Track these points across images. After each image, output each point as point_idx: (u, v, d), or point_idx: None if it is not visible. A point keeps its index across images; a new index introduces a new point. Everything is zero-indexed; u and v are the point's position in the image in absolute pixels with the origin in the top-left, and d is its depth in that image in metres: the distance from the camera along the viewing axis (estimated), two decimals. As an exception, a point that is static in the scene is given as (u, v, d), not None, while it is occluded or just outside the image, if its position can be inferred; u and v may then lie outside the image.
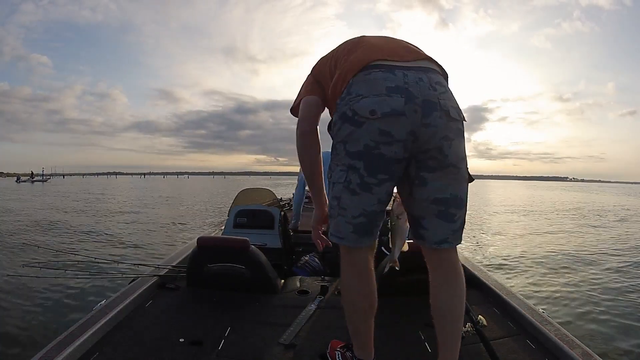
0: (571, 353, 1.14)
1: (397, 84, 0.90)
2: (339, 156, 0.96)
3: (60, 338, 1.17)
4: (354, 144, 0.92)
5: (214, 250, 1.73)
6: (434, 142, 0.91)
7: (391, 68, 0.92)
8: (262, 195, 3.33)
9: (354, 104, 0.91)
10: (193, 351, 1.21)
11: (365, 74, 0.93)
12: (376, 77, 0.92)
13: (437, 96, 0.91)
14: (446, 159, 0.93)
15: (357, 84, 0.93)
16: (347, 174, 0.94)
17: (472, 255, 4.93)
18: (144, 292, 1.61)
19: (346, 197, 0.95)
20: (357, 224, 0.96)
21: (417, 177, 0.95)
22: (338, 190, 0.97)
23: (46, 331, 2.52)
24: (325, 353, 1.20)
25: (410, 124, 0.89)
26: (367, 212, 0.95)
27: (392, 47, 1.00)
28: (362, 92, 0.91)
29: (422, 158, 0.93)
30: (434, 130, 0.90)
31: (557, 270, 4.41)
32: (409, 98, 0.89)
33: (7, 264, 4.39)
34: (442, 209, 0.95)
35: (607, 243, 6.44)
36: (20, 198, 17.26)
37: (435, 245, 0.98)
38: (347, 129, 0.93)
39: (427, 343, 1.28)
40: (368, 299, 1.03)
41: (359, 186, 0.93)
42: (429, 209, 0.96)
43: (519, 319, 1.43)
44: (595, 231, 8.08)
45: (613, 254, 5.37)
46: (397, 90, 0.89)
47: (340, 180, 0.96)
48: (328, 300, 1.64)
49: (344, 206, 0.96)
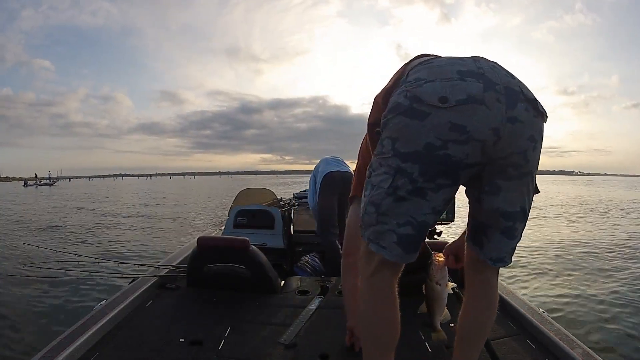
0: (571, 353, 1.14)
1: (470, 69, 0.71)
2: (385, 155, 0.76)
3: (60, 338, 1.17)
4: (410, 141, 0.72)
5: (214, 250, 1.73)
6: (520, 144, 0.72)
7: (454, 58, 0.75)
8: (262, 195, 3.33)
9: (415, 89, 0.71)
10: (193, 351, 1.21)
11: (424, 61, 0.76)
12: (440, 64, 0.73)
13: (518, 84, 0.72)
14: (527, 165, 0.76)
15: (417, 70, 0.74)
16: (394, 179, 0.74)
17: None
18: (144, 292, 1.61)
19: (389, 204, 0.76)
20: (403, 235, 0.76)
21: (489, 184, 0.77)
22: (378, 197, 0.77)
23: (46, 331, 2.52)
24: (326, 353, 1.20)
25: (493, 118, 0.69)
26: (417, 221, 0.76)
27: None
28: (424, 76, 0.71)
29: (501, 164, 0.74)
30: (520, 127, 0.71)
31: (557, 270, 4.41)
32: (488, 84, 0.69)
33: (7, 264, 4.39)
34: (509, 225, 0.80)
35: (614, 240, 6.39)
36: (28, 202, 17.24)
37: (490, 262, 0.85)
38: (401, 122, 0.72)
39: (427, 343, 1.28)
40: (393, 329, 0.84)
41: (409, 192, 0.74)
42: (497, 222, 0.81)
43: (519, 319, 1.43)
44: (604, 227, 7.97)
45: (619, 252, 5.35)
46: (471, 75, 0.69)
47: (382, 185, 0.76)
48: (328, 300, 1.64)
49: (384, 212, 0.77)
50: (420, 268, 1.06)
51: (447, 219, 2.49)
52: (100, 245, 5.82)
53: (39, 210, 12.37)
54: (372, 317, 0.85)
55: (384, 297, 0.83)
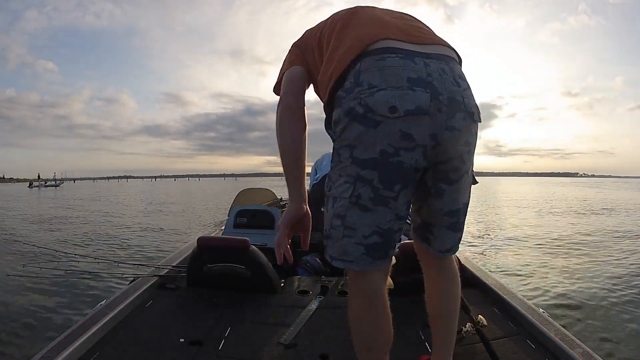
0: (571, 353, 1.14)
1: (420, 75, 0.73)
2: (343, 164, 0.78)
3: (60, 338, 1.17)
4: (366, 149, 0.74)
5: (214, 250, 1.73)
6: (457, 150, 0.78)
7: (409, 54, 0.75)
8: (262, 195, 3.34)
9: (367, 97, 0.72)
10: (193, 351, 1.21)
11: (377, 58, 0.74)
12: (393, 64, 0.73)
13: (461, 93, 0.77)
14: (465, 166, 0.82)
15: (369, 71, 0.74)
16: (355, 187, 0.76)
17: (476, 255, 4.94)
18: (144, 292, 1.61)
19: (354, 215, 0.77)
20: (370, 245, 0.78)
21: (434, 187, 0.82)
22: (342, 208, 0.78)
23: (46, 331, 2.52)
24: (326, 353, 1.20)
25: (433, 126, 0.73)
26: (383, 230, 0.77)
27: (402, 25, 0.82)
28: (377, 83, 0.73)
29: (442, 169, 0.80)
30: (457, 134, 0.76)
31: (559, 271, 4.41)
32: (434, 94, 0.73)
33: (7, 264, 4.39)
34: (454, 221, 0.87)
35: (617, 240, 6.39)
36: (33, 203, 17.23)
37: (440, 253, 0.92)
38: (356, 130, 0.74)
39: (427, 343, 1.28)
40: (383, 333, 0.84)
41: (372, 201, 0.76)
42: (441, 220, 0.87)
43: (519, 319, 1.43)
44: (607, 227, 7.95)
45: (623, 253, 5.35)
46: (420, 83, 0.72)
47: (344, 196, 0.77)
48: (328, 300, 1.64)
49: (351, 226, 0.77)
50: (420, 268, 1.06)
51: None
52: (101, 245, 5.83)
53: (49, 211, 12.36)
54: (362, 319, 0.85)
55: (369, 300, 0.83)
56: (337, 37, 0.84)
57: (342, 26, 0.86)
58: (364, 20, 0.84)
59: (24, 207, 14.06)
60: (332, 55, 0.82)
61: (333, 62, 0.81)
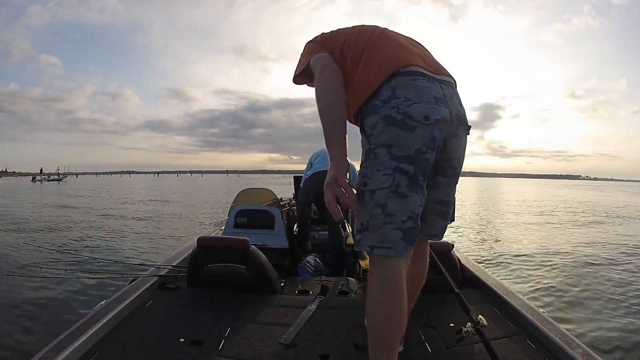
0: (571, 353, 1.14)
1: (439, 95, 0.94)
2: (380, 160, 0.92)
3: (60, 338, 1.17)
4: (403, 147, 0.90)
5: (214, 250, 1.73)
6: (457, 153, 1.01)
7: (431, 79, 0.95)
8: (262, 195, 3.33)
9: (406, 107, 0.90)
10: (193, 351, 1.21)
11: (411, 79, 0.93)
12: (423, 85, 0.93)
13: (463, 112, 1.01)
14: (459, 167, 1.04)
15: (405, 87, 0.92)
16: (394, 177, 0.90)
17: (480, 255, 4.94)
18: (144, 292, 1.61)
19: (393, 202, 0.90)
20: (407, 229, 0.91)
21: (432, 180, 1.00)
22: (382, 197, 0.91)
23: (46, 331, 2.52)
24: (326, 353, 1.20)
25: (446, 133, 0.95)
26: (415, 215, 0.92)
27: (423, 55, 1.01)
28: (412, 98, 0.91)
29: (443, 165, 1.00)
30: (459, 141, 1.00)
31: (560, 271, 4.41)
32: (450, 109, 0.95)
33: (7, 264, 4.39)
34: (444, 209, 1.07)
35: (620, 242, 6.38)
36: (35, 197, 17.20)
37: (428, 237, 1.11)
38: (394, 132, 0.90)
39: (427, 343, 1.28)
40: (401, 323, 0.94)
41: (409, 188, 0.91)
42: (434, 208, 1.05)
43: (519, 319, 1.43)
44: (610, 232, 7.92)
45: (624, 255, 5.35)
46: (441, 101, 0.94)
47: (384, 186, 0.90)
48: (328, 300, 1.64)
49: (391, 212, 0.90)
50: None
51: None
52: (101, 245, 5.82)
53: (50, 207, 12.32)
54: (383, 308, 0.93)
55: (394, 288, 0.93)
56: (372, 49, 1.00)
57: (375, 44, 1.01)
58: (395, 44, 1.02)
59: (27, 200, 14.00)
60: (370, 67, 0.98)
61: (370, 73, 0.96)
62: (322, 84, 1.00)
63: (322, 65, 1.02)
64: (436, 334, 1.34)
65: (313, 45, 1.10)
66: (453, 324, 1.40)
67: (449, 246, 1.75)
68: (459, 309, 1.30)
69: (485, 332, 1.21)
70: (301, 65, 1.09)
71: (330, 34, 1.11)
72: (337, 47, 1.05)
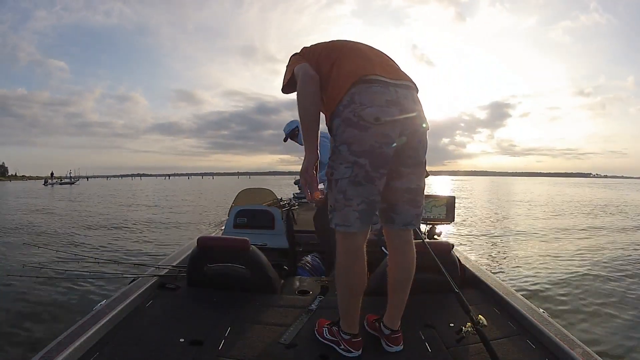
0: (571, 353, 1.14)
1: (392, 98, 1.11)
2: (342, 155, 1.11)
3: (60, 338, 1.17)
4: (360, 144, 1.08)
5: (214, 250, 1.73)
6: (413, 145, 1.16)
7: (387, 84, 1.12)
8: (262, 196, 3.33)
9: (360, 111, 1.08)
10: (193, 351, 1.21)
11: (367, 86, 1.10)
12: (376, 91, 1.10)
13: (417, 109, 1.16)
14: (418, 157, 1.18)
15: (361, 94, 1.09)
16: (353, 169, 1.09)
17: (485, 256, 4.93)
18: (144, 292, 1.61)
19: (351, 189, 1.10)
20: (362, 211, 1.11)
21: (395, 171, 1.16)
22: (343, 185, 1.11)
23: (46, 331, 2.52)
24: (325, 353, 1.20)
25: (402, 128, 1.11)
26: (369, 200, 1.11)
27: (384, 64, 1.19)
28: (366, 103, 1.08)
29: (403, 156, 1.15)
30: (415, 134, 1.15)
31: (560, 271, 4.40)
32: (402, 110, 1.11)
33: (7, 263, 4.40)
34: (411, 197, 1.20)
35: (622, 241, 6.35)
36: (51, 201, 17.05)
37: (403, 226, 1.22)
38: (352, 132, 1.09)
39: (427, 343, 1.28)
40: (362, 280, 1.17)
41: (364, 178, 1.09)
42: (402, 197, 1.19)
43: (519, 319, 1.43)
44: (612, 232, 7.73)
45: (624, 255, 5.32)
46: (393, 104, 1.10)
47: (345, 176, 1.10)
48: (328, 300, 1.64)
49: (349, 197, 1.11)
50: (421, 268, 1.06)
51: (447, 219, 2.48)
52: (101, 245, 5.83)
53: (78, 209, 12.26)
54: (348, 270, 1.17)
55: (355, 255, 1.16)
56: (341, 63, 1.18)
57: (342, 57, 1.19)
58: (359, 57, 1.19)
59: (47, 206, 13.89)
60: (338, 77, 1.16)
61: (337, 84, 1.14)
62: (301, 89, 1.18)
63: (303, 73, 1.19)
64: (436, 334, 1.34)
65: (296, 57, 1.29)
66: (453, 324, 1.40)
67: (449, 246, 1.75)
68: (459, 309, 1.30)
69: (485, 332, 1.21)
70: (287, 76, 1.26)
71: (311, 48, 1.30)
72: (314, 59, 1.23)
